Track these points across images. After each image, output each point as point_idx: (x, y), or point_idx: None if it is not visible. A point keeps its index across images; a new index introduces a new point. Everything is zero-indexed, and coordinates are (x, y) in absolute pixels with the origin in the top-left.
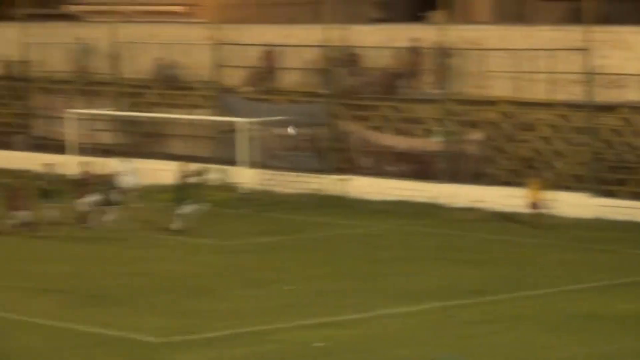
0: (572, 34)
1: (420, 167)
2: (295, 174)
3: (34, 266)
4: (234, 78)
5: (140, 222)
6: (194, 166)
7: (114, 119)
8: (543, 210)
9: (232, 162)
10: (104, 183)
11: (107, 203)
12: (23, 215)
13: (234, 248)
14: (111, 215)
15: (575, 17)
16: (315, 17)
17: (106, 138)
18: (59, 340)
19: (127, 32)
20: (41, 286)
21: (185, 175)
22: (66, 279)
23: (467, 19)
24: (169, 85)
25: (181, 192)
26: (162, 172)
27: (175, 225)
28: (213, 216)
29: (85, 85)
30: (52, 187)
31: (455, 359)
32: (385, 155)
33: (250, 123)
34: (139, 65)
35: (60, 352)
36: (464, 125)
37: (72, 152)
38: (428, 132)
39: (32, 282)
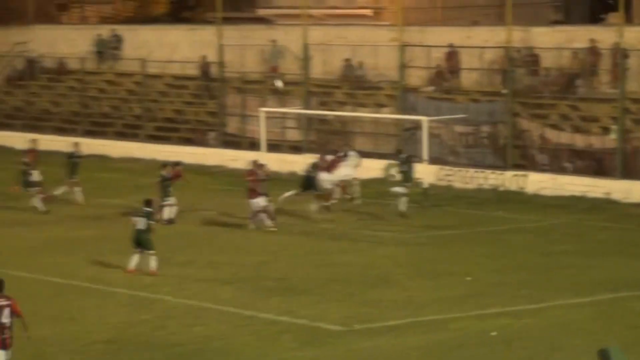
0: None
1: (596, 164)
2: (474, 170)
3: (224, 257)
4: (417, 78)
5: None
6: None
7: (303, 117)
8: None
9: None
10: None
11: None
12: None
13: (414, 240)
14: (314, 206)
15: None
16: (496, 19)
17: (295, 135)
18: (245, 328)
19: (317, 34)
20: (230, 276)
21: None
22: (256, 268)
23: None
24: (356, 85)
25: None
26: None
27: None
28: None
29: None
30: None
31: (617, 351)
32: (561, 152)
33: (432, 121)
34: (328, 66)
35: (247, 339)
36: (639, 124)
37: (263, 149)
38: (604, 130)
39: (222, 272)
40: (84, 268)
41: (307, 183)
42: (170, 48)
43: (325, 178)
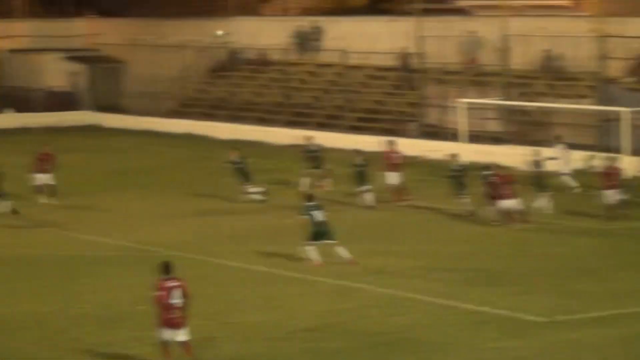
0: None
1: None
2: None
3: (425, 247)
4: (616, 69)
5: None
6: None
7: (502, 108)
8: None
9: (615, 150)
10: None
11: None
12: (510, 203)
13: (614, 232)
14: (542, 202)
15: None
16: None
17: (495, 126)
18: (446, 318)
19: (516, 25)
20: (431, 266)
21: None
22: (457, 259)
23: None
24: (555, 75)
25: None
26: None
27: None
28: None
29: (475, 76)
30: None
31: None
32: None
33: (633, 112)
34: (527, 56)
35: (448, 329)
36: None
37: (463, 140)
38: None
39: (423, 262)
40: (287, 257)
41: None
42: (370, 39)
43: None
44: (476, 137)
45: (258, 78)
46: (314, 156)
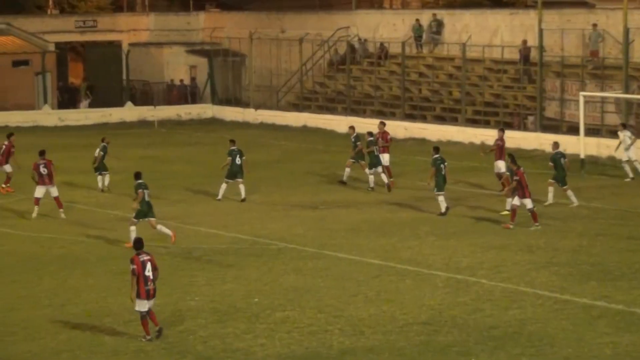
0: None
1: None
2: None
3: (540, 241)
4: None
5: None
6: None
7: (622, 101)
8: None
9: None
10: None
11: None
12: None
13: None
14: None
15: None
16: None
17: (615, 120)
18: (561, 312)
19: (638, 18)
20: (546, 260)
21: None
22: (572, 253)
23: None
24: None
25: None
26: None
27: None
28: None
29: (595, 69)
30: None
31: None
32: None
33: None
34: None
35: (562, 324)
36: None
37: (582, 133)
38: None
39: (538, 256)
40: (401, 250)
41: None
42: (490, 32)
43: None
44: (595, 131)
45: (377, 71)
46: (355, 147)
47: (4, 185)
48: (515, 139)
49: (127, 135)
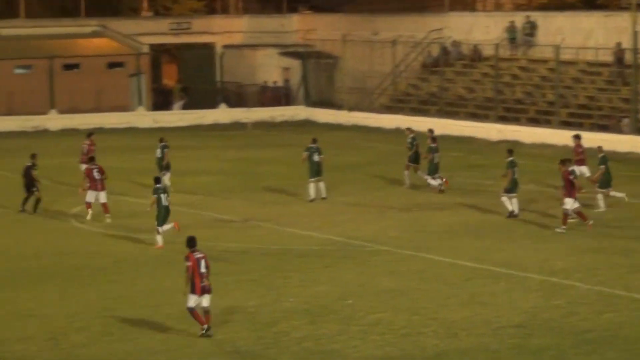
0: None
1: None
2: None
3: (637, 244)
4: None
5: None
6: None
7: None
8: None
9: None
10: None
11: None
12: None
13: None
14: None
15: None
16: None
17: None
18: None
19: None
20: None
21: None
22: None
23: None
24: None
25: None
26: None
27: None
28: None
29: None
30: None
31: None
32: None
33: None
34: None
35: None
36: None
37: None
38: None
39: (634, 259)
40: (495, 252)
41: None
42: (584, 34)
43: None
44: None
45: (470, 73)
46: (412, 149)
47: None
48: (610, 141)
49: (221, 137)
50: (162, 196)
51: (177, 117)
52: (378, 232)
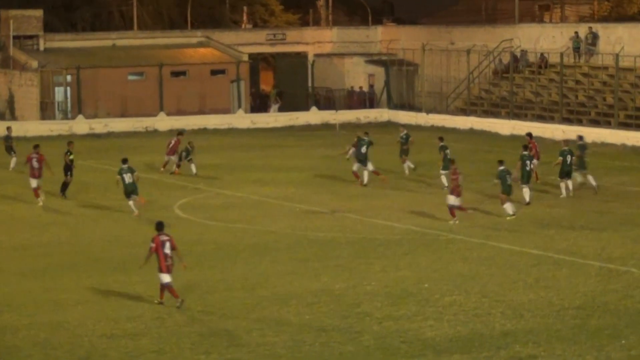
0: None
1: None
2: None
3: None
4: None
5: None
6: None
7: None
8: None
9: None
10: None
11: None
12: None
13: None
14: None
15: None
16: None
17: None
18: None
19: None
20: None
21: None
22: None
23: None
24: None
25: None
26: None
27: None
28: None
29: None
30: None
31: None
32: None
33: None
34: None
35: None
36: None
37: None
38: None
39: None
40: (559, 241)
41: None
42: None
43: None
44: None
45: (537, 79)
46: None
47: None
48: None
49: (312, 137)
50: (125, 175)
51: (272, 118)
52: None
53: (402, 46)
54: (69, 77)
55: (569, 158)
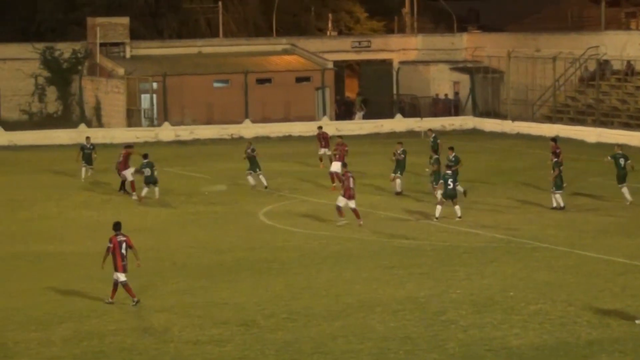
0: None
1: None
2: None
3: None
4: None
5: None
6: None
7: None
8: None
9: None
10: None
11: None
12: None
13: None
14: None
15: None
16: None
17: None
18: None
19: None
20: None
21: None
22: None
23: None
24: None
25: None
26: None
27: None
28: None
29: None
30: None
31: None
32: None
33: None
34: None
35: None
36: None
37: None
38: None
39: None
40: None
41: None
42: None
43: None
44: None
45: (624, 87)
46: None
47: None
48: None
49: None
50: (144, 170)
51: (357, 126)
52: (537, 230)
53: (487, 53)
54: (155, 85)
55: (622, 161)
